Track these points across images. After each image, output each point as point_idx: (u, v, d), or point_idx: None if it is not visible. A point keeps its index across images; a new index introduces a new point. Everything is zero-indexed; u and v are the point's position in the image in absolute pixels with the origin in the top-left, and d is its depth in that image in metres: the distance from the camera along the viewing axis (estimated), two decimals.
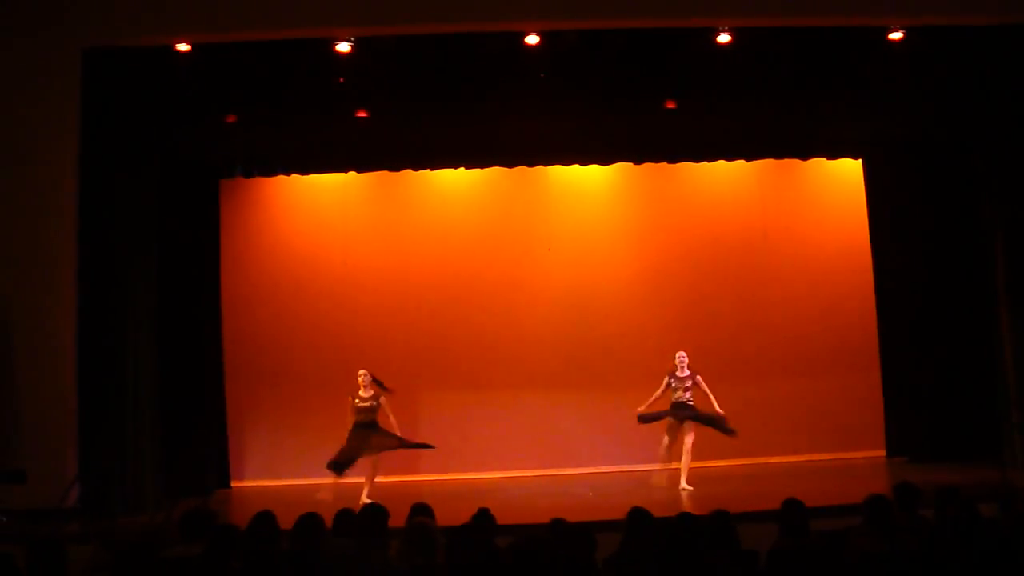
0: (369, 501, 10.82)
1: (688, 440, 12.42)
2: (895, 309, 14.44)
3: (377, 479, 12.01)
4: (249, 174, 14.31)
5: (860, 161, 14.89)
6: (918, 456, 13.78)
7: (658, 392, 12.60)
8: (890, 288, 14.52)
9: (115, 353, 11.75)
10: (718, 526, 5.86)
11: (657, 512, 6.23)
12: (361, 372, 12.05)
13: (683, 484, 12.18)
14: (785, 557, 5.27)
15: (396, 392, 12.08)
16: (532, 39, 11.51)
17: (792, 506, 6.20)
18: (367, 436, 11.90)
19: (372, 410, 11.96)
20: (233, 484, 14.04)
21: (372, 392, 11.99)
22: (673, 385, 12.57)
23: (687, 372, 12.61)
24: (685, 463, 12.38)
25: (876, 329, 14.62)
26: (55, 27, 11.39)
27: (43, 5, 11.43)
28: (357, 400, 11.98)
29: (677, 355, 12.67)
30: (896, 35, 11.59)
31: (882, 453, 14.37)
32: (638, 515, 6.12)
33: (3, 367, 11.22)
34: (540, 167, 14.56)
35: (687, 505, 10.95)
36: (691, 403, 12.57)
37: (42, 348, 11.31)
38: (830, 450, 14.30)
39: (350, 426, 11.95)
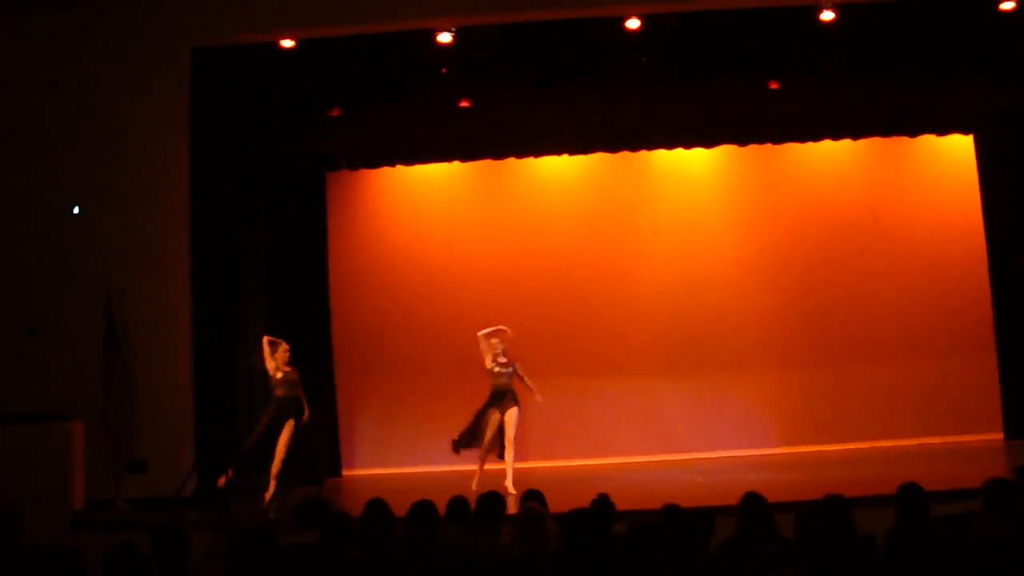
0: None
1: (511, 432, 11.55)
2: (1011, 288, 14.05)
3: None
4: (354, 166, 14.46)
5: (971, 137, 14.52)
6: None
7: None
8: (1005, 266, 14.13)
9: (228, 345, 12.00)
10: (833, 510, 5.77)
11: (771, 497, 6.17)
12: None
13: (509, 486, 11.14)
14: (904, 542, 5.18)
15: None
16: (633, 23, 11.46)
17: (910, 490, 6.06)
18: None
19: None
20: (344, 473, 14.22)
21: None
22: (495, 370, 11.70)
23: (507, 358, 11.80)
24: (510, 460, 11.51)
25: (991, 309, 14.26)
26: (165, 27, 11.70)
27: (152, 7, 11.72)
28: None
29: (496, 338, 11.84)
30: (1008, 4, 11.29)
31: (1000, 436, 14.03)
32: (752, 500, 6.06)
33: (123, 362, 11.54)
34: (643, 151, 14.46)
35: (801, 489, 10.80)
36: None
37: (158, 343, 11.63)
38: (946, 433, 13.99)
39: None
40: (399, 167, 14.58)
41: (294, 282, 13.80)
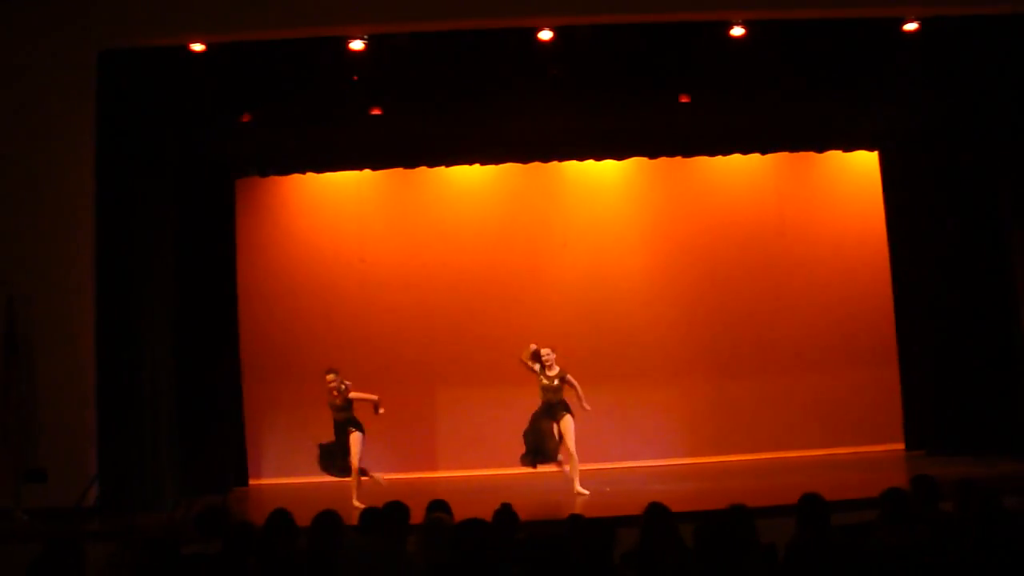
0: None
1: (571, 441, 11.92)
2: (913, 302, 14.35)
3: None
4: (265, 173, 14.36)
5: (876, 153, 14.82)
6: (936, 449, 13.70)
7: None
8: (907, 281, 14.44)
9: (133, 352, 11.77)
10: (736, 520, 5.83)
11: (675, 507, 6.22)
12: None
13: (579, 488, 11.78)
14: (804, 551, 5.25)
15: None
16: (545, 35, 11.51)
17: (811, 500, 6.16)
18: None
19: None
20: (251, 482, 14.06)
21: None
22: (544, 383, 12.09)
23: (557, 369, 12.13)
24: (576, 465, 11.91)
25: (894, 322, 14.54)
26: (71, 29, 11.43)
27: (58, 8, 11.47)
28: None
29: (545, 351, 12.14)
30: (911, 26, 11.54)
31: (900, 446, 14.31)
32: (656, 510, 6.10)
33: (24, 367, 11.27)
34: (555, 162, 14.55)
35: (705, 499, 10.90)
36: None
37: (61, 348, 11.37)
38: (848, 444, 14.24)
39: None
40: (310, 174, 14.49)
41: (202, 289, 13.60)
